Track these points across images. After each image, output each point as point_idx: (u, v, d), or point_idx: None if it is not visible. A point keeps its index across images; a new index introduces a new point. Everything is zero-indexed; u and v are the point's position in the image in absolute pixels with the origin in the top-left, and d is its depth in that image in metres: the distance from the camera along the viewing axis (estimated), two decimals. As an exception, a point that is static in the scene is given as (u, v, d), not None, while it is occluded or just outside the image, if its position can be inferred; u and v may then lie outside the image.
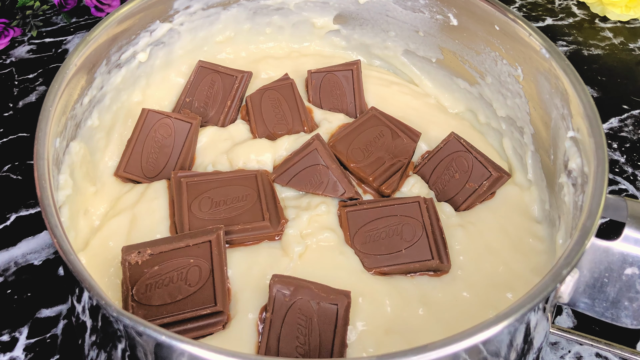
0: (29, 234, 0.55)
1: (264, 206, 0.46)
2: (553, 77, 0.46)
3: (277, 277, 0.40)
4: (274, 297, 0.39)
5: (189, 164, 0.51)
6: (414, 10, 0.55)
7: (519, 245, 0.47)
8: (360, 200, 0.48)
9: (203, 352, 0.30)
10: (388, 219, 0.46)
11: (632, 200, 0.39)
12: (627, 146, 0.64)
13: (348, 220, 0.46)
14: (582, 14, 0.80)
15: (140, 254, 0.41)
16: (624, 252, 0.38)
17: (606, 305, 0.39)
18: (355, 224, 0.46)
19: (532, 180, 0.51)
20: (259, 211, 0.45)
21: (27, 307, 0.50)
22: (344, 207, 0.47)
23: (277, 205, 0.46)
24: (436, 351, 0.31)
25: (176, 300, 0.40)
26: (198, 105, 0.54)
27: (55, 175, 0.42)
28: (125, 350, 0.34)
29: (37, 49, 0.72)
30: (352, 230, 0.46)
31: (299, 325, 0.39)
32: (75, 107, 0.46)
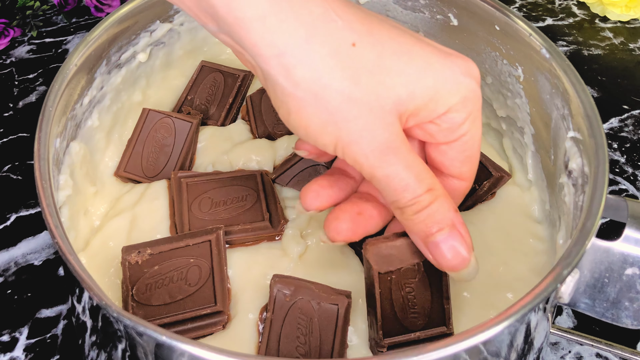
0: (29, 234, 0.55)
1: (264, 206, 0.46)
2: (553, 77, 0.46)
3: (277, 277, 0.40)
4: (274, 297, 0.40)
5: (189, 164, 0.51)
6: (414, 10, 0.55)
7: (519, 246, 0.47)
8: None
9: (204, 353, 0.30)
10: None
11: (633, 201, 0.39)
12: (627, 146, 0.64)
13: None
14: (582, 14, 0.80)
15: (140, 253, 0.41)
16: (625, 253, 0.38)
17: (606, 305, 0.39)
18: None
19: (533, 180, 0.51)
20: (259, 211, 0.45)
21: (27, 307, 0.50)
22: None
23: (277, 205, 0.46)
24: (436, 351, 0.31)
25: (176, 300, 0.40)
26: (199, 102, 0.54)
27: (56, 175, 0.42)
28: (126, 350, 0.35)
29: (37, 49, 0.72)
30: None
31: (299, 326, 0.39)
32: (76, 107, 0.46)
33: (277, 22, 0.30)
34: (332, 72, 0.31)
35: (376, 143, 0.32)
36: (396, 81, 0.32)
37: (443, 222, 0.34)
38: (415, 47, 0.33)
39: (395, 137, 0.33)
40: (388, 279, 0.39)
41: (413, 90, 0.32)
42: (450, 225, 0.34)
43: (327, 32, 0.31)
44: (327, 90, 0.31)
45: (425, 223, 0.34)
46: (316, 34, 0.31)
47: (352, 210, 0.38)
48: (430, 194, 0.34)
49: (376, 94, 0.32)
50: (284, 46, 0.30)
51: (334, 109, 0.31)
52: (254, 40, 0.31)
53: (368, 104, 0.32)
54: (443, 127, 0.34)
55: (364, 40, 0.32)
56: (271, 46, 0.31)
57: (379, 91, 0.32)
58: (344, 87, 0.31)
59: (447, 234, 0.34)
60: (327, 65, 0.31)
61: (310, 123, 0.32)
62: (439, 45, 0.35)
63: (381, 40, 0.32)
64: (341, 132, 0.32)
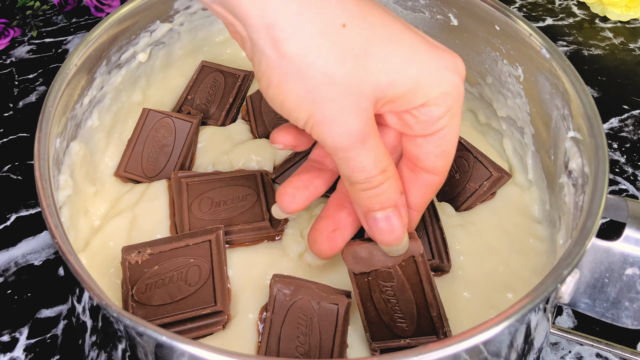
0: (29, 234, 0.55)
1: (264, 206, 0.46)
2: (553, 77, 0.46)
3: (277, 276, 0.40)
4: (274, 296, 0.40)
5: (189, 163, 0.51)
6: (414, 10, 0.55)
7: (520, 246, 0.47)
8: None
9: (204, 353, 0.30)
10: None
11: (633, 201, 0.39)
12: (627, 146, 0.64)
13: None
14: (582, 14, 0.80)
15: (140, 253, 0.41)
16: (625, 253, 0.38)
17: (607, 305, 0.39)
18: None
19: (533, 180, 0.51)
20: (259, 211, 0.45)
21: (27, 307, 0.50)
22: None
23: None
24: (436, 351, 0.31)
25: (176, 300, 0.40)
26: (200, 102, 0.54)
27: (56, 175, 0.42)
28: (126, 350, 0.35)
29: (37, 49, 0.72)
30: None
31: (299, 325, 0.39)
32: (76, 107, 0.46)
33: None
34: (319, 51, 0.31)
35: (346, 128, 0.33)
36: (379, 67, 0.32)
37: (387, 202, 0.36)
38: (405, 36, 0.33)
39: (364, 123, 0.33)
40: (365, 280, 0.39)
41: (395, 78, 0.33)
42: (393, 205, 0.36)
43: (319, 9, 0.31)
44: (311, 68, 0.31)
45: (370, 200, 0.36)
46: (308, 10, 0.30)
47: (328, 229, 0.39)
48: (383, 175, 0.35)
49: (357, 78, 0.32)
50: (274, 18, 0.30)
51: (313, 87, 0.32)
52: (245, 9, 0.31)
53: (348, 87, 0.32)
54: (420, 119, 0.35)
55: (355, 22, 0.31)
56: (262, 17, 0.31)
57: (361, 76, 0.32)
58: (327, 67, 0.31)
59: (388, 213, 0.36)
60: (315, 43, 0.31)
61: (288, 97, 0.32)
62: (430, 38, 0.35)
63: (372, 25, 0.32)
64: (316, 110, 0.32)
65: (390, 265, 0.39)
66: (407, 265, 0.39)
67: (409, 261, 0.39)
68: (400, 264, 0.39)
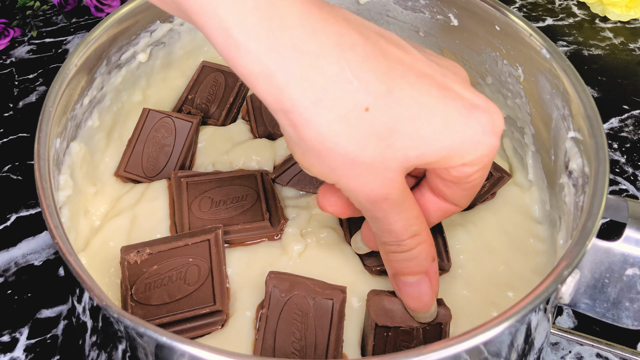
0: (29, 235, 0.55)
1: (264, 206, 0.46)
2: (554, 77, 0.46)
3: (273, 273, 0.40)
4: (270, 293, 0.40)
5: (189, 163, 0.51)
6: (415, 10, 0.55)
7: (520, 246, 0.47)
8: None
9: (204, 354, 0.30)
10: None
11: (633, 201, 0.39)
12: (627, 146, 0.64)
13: (348, 218, 0.46)
14: (582, 14, 0.80)
15: (139, 253, 0.41)
16: (625, 253, 0.38)
17: (607, 305, 0.39)
18: (356, 223, 0.46)
19: (533, 180, 0.51)
20: (259, 211, 0.45)
21: (27, 307, 0.50)
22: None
23: (277, 205, 0.46)
24: (437, 352, 0.31)
25: (175, 300, 0.40)
26: (200, 101, 0.54)
27: (56, 175, 0.42)
28: (126, 350, 0.35)
29: (37, 49, 0.72)
30: (352, 229, 0.46)
31: (294, 321, 0.39)
32: (76, 107, 0.46)
33: (284, 82, 0.29)
34: (338, 138, 0.30)
35: (373, 195, 0.32)
36: (407, 144, 0.31)
37: (417, 269, 0.35)
38: (438, 106, 0.31)
39: (393, 190, 0.32)
40: (384, 334, 0.39)
41: (424, 151, 0.31)
42: (424, 272, 0.35)
43: (338, 95, 0.29)
44: (331, 152, 0.30)
45: (400, 264, 0.35)
46: (326, 98, 0.29)
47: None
48: (414, 240, 0.34)
49: (382, 156, 0.31)
50: (291, 105, 0.29)
51: (335, 166, 0.31)
52: (262, 94, 0.30)
53: (372, 165, 0.31)
54: (453, 175, 0.34)
55: (379, 103, 0.30)
56: (278, 102, 0.29)
57: (386, 154, 0.31)
58: (348, 152, 0.30)
59: (418, 280, 0.36)
60: (333, 130, 0.30)
61: (313, 167, 0.32)
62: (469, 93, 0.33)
63: (400, 101, 0.30)
64: (340, 182, 0.32)
65: (415, 327, 0.39)
66: (432, 330, 0.39)
67: (435, 327, 0.39)
68: (425, 327, 0.39)
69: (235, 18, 0.28)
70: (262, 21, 0.28)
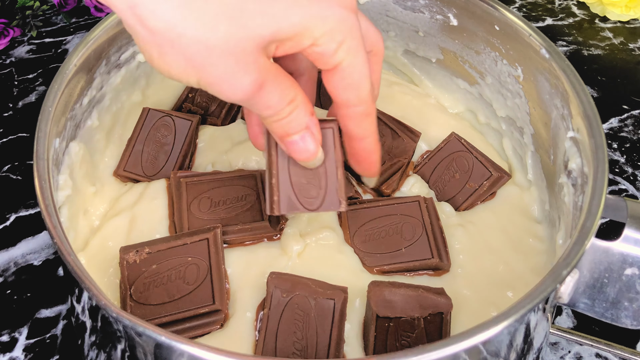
0: (28, 234, 0.55)
1: (263, 206, 0.46)
2: (553, 77, 0.46)
3: (274, 274, 0.40)
4: (271, 293, 0.40)
5: (189, 163, 0.51)
6: (414, 10, 0.55)
7: (519, 245, 0.47)
8: (360, 200, 0.48)
9: (203, 353, 0.30)
10: (388, 218, 0.46)
11: (632, 201, 0.39)
12: (627, 146, 0.64)
13: (348, 219, 0.46)
14: (582, 14, 0.80)
15: (138, 253, 0.41)
16: (624, 253, 0.38)
17: (606, 305, 0.39)
18: (355, 223, 0.46)
19: (532, 180, 0.51)
20: (259, 211, 0.45)
21: (26, 307, 0.50)
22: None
23: (276, 205, 0.46)
24: (436, 351, 0.31)
25: (174, 299, 0.40)
26: (200, 99, 0.54)
27: (55, 175, 0.42)
28: (125, 350, 0.35)
29: (37, 49, 0.72)
30: (352, 229, 0.46)
31: (296, 321, 0.39)
32: (75, 107, 0.46)
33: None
34: (185, 22, 0.30)
35: (238, 85, 0.33)
36: (258, 22, 0.31)
37: (298, 127, 0.37)
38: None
39: (257, 75, 0.33)
40: (385, 325, 0.39)
41: (277, 29, 0.32)
42: (305, 128, 0.37)
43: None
44: (183, 38, 0.31)
45: (283, 128, 0.37)
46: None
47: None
48: (290, 106, 0.35)
49: (236, 38, 0.31)
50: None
51: (191, 55, 0.31)
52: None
53: (227, 49, 0.31)
54: (314, 57, 0.34)
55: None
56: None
57: (239, 35, 0.31)
58: (199, 35, 0.31)
59: (301, 135, 0.37)
60: (180, 14, 0.30)
61: (172, 67, 0.32)
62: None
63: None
64: (202, 74, 0.32)
65: (416, 317, 0.39)
66: (433, 320, 0.40)
67: (437, 317, 0.40)
68: (427, 317, 0.39)
69: None
70: None
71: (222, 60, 0.32)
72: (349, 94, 0.36)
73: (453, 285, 0.44)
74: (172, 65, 0.32)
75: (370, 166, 0.40)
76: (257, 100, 0.34)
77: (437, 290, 0.41)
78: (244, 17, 0.31)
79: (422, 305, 0.39)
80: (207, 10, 0.31)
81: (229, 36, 0.31)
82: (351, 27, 0.34)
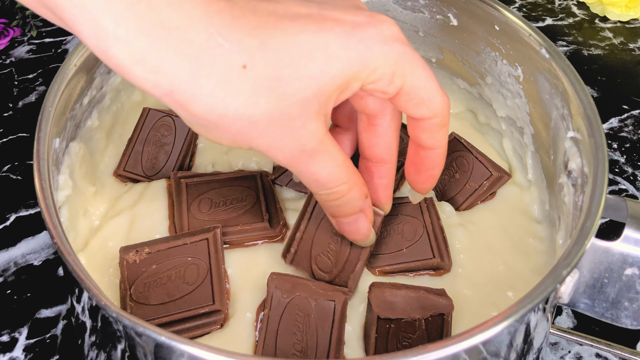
0: (28, 234, 0.55)
1: (263, 207, 0.46)
2: (553, 77, 0.46)
3: (275, 274, 0.40)
4: (271, 294, 0.40)
5: (189, 162, 0.51)
6: (414, 10, 0.55)
7: (519, 245, 0.47)
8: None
9: (203, 353, 0.30)
10: (389, 218, 0.46)
11: (632, 201, 0.39)
12: (627, 146, 0.64)
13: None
14: (582, 14, 0.80)
15: (138, 253, 0.41)
16: (624, 253, 0.38)
17: (606, 305, 0.39)
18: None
19: (532, 180, 0.51)
20: (259, 212, 0.45)
21: (26, 307, 0.50)
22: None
23: (276, 206, 0.46)
24: (436, 351, 0.31)
25: (174, 299, 0.40)
26: None
27: (55, 175, 0.42)
28: (125, 350, 0.35)
29: (37, 49, 0.72)
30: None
31: (296, 322, 0.39)
32: (75, 107, 0.46)
33: (158, 62, 0.29)
34: (225, 102, 0.30)
35: (287, 150, 0.32)
36: (298, 87, 0.31)
37: (351, 210, 0.37)
38: (315, 40, 0.31)
39: (306, 140, 0.32)
40: (386, 327, 0.39)
41: (319, 88, 0.32)
42: (358, 212, 0.37)
43: (213, 60, 0.29)
44: (225, 118, 0.30)
45: (335, 209, 0.37)
46: (201, 66, 0.29)
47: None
48: (342, 188, 0.35)
49: (278, 107, 0.31)
50: (170, 85, 0.29)
51: (237, 131, 0.31)
52: (142, 84, 0.30)
53: (271, 120, 0.31)
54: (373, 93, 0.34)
55: (256, 57, 0.30)
56: (158, 87, 0.30)
57: (281, 104, 0.31)
58: (240, 112, 0.30)
59: (355, 218, 0.37)
60: (218, 96, 0.30)
61: (222, 140, 0.32)
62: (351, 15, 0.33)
63: (276, 50, 0.30)
64: (252, 144, 0.32)
65: (417, 318, 0.39)
66: (434, 321, 0.40)
67: (437, 318, 0.40)
68: (428, 318, 0.39)
69: (102, 6, 0.28)
70: (129, 6, 0.28)
71: (269, 131, 0.31)
72: (421, 111, 0.36)
73: (454, 285, 0.44)
74: (221, 139, 0.32)
75: (428, 179, 0.39)
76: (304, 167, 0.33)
77: (438, 292, 0.41)
78: (282, 87, 0.31)
79: (423, 306, 0.39)
80: (245, 87, 0.30)
81: (271, 107, 0.31)
82: (397, 57, 0.33)
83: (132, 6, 0.28)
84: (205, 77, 0.29)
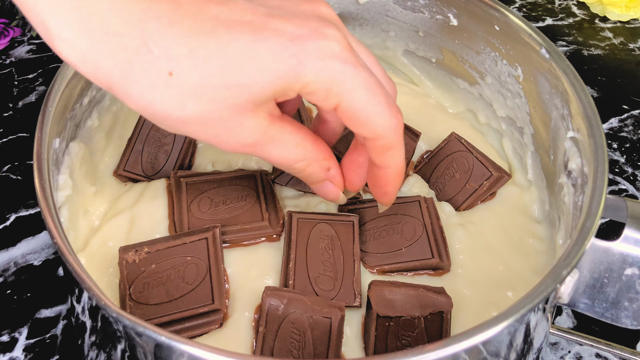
0: (28, 234, 0.55)
1: (263, 206, 0.46)
2: (553, 77, 0.46)
3: (269, 289, 0.39)
4: (266, 310, 0.39)
5: (188, 162, 0.51)
6: (414, 10, 0.55)
7: (519, 245, 0.47)
8: (361, 199, 0.48)
9: (203, 353, 0.30)
10: (388, 218, 0.46)
11: (632, 201, 0.39)
12: (627, 146, 0.64)
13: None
14: (582, 14, 0.80)
15: (137, 252, 0.41)
16: (624, 253, 0.38)
17: (606, 305, 0.39)
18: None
19: (532, 180, 0.51)
20: (258, 211, 0.45)
21: (26, 307, 0.50)
22: (344, 206, 0.47)
23: (276, 205, 0.46)
24: (436, 351, 0.31)
25: (174, 299, 0.40)
26: None
27: (55, 175, 0.42)
28: (125, 350, 0.35)
29: (37, 49, 0.72)
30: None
31: (292, 340, 0.39)
32: (75, 107, 0.46)
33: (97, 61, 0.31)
34: (153, 105, 0.31)
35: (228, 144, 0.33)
36: (227, 95, 0.32)
37: (316, 181, 0.39)
38: (248, 51, 0.31)
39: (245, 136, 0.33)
40: (386, 324, 0.39)
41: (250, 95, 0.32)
42: (323, 179, 0.39)
43: (142, 66, 0.31)
44: (157, 116, 0.32)
45: (302, 179, 0.39)
46: (132, 71, 0.31)
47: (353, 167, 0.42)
48: (300, 164, 0.37)
49: (207, 111, 0.32)
50: (109, 82, 0.31)
51: (172, 128, 0.33)
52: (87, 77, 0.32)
53: (200, 121, 0.32)
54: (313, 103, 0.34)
55: (184, 65, 0.31)
56: (100, 83, 0.31)
57: (210, 108, 0.32)
58: (168, 114, 0.32)
59: (322, 184, 0.40)
60: (146, 99, 0.31)
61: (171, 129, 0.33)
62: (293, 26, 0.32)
63: (205, 58, 0.31)
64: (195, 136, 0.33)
65: (417, 316, 0.39)
66: (433, 319, 0.40)
67: (437, 316, 0.40)
68: (427, 316, 0.40)
69: (48, 10, 0.30)
70: (72, 10, 0.30)
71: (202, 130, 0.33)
72: (362, 131, 0.35)
73: (453, 285, 0.44)
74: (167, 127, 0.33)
75: (384, 195, 0.40)
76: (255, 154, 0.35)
77: (437, 290, 0.41)
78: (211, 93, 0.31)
79: (422, 304, 0.39)
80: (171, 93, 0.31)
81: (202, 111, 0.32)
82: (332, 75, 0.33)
83: (75, 10, 0.30)
84: (134, 81, 0.31)
